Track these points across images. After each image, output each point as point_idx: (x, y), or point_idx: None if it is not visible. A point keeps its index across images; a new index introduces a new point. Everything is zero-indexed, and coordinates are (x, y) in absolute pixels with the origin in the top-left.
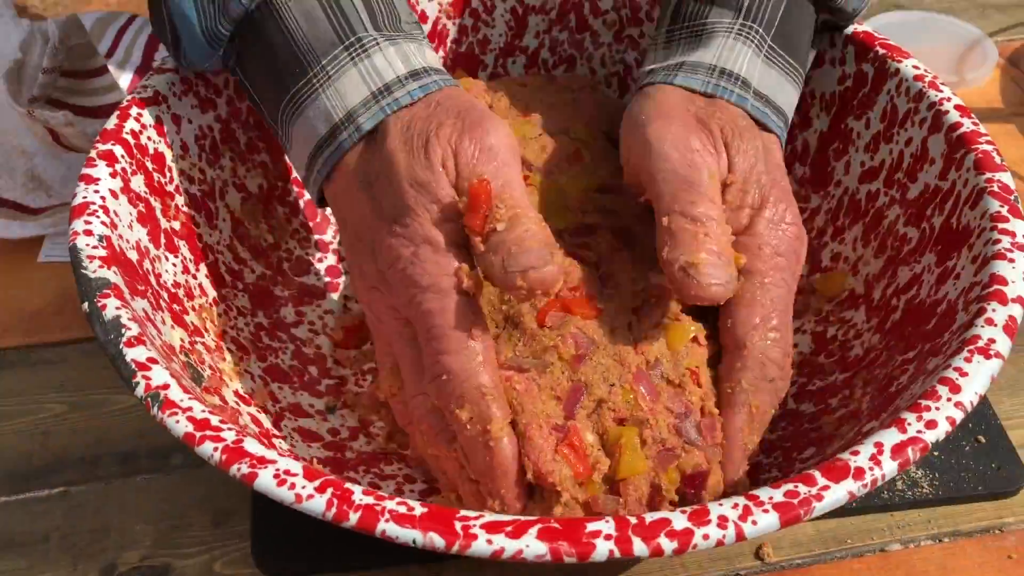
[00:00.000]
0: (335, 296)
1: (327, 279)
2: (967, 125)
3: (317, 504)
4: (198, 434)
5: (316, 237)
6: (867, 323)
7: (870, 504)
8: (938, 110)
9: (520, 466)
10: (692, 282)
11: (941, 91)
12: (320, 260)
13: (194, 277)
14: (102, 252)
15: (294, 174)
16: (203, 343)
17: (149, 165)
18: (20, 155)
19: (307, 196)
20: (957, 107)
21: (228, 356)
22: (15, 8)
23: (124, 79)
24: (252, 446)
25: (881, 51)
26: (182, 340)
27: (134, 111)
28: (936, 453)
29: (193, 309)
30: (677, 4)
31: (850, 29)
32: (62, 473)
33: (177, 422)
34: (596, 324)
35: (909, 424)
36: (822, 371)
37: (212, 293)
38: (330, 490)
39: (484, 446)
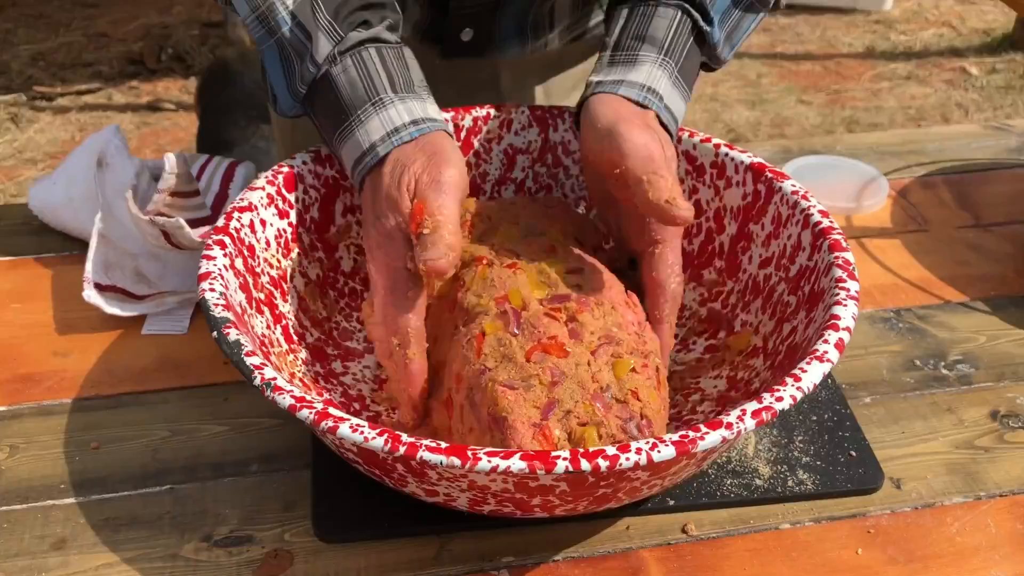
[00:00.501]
0: (371, 357)
1: (364, 345)
2: (825, 222)
3: (377, 442)
4: (299, 405)
5: (356, 314)
6: (764, 366)
7: (769, 497)
8: (807, 214)
9: (423, 392)
10: (675, 210)
11: (809, 200)
12: (359, 331)
13: (273, 332)
14: (222, 302)
15: (342, 267)
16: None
17: (245, 252)
18: (128, 256)
19: (351, 285)
20: (820, 211)
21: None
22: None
23: (209, 199)
24: (333, 411)
25: (769, 175)
26: None
27: (236, 215)
28: (819, 463)
29: (273, 354)
30: (617, 38)
31: (747, 159)
32: (168, 476)
33: (284, 399)
34: (565, 361)
35: (764, 398)
36: (733, 402)
37: (284, 346)
38: (386, 435)
39: (402, 364)
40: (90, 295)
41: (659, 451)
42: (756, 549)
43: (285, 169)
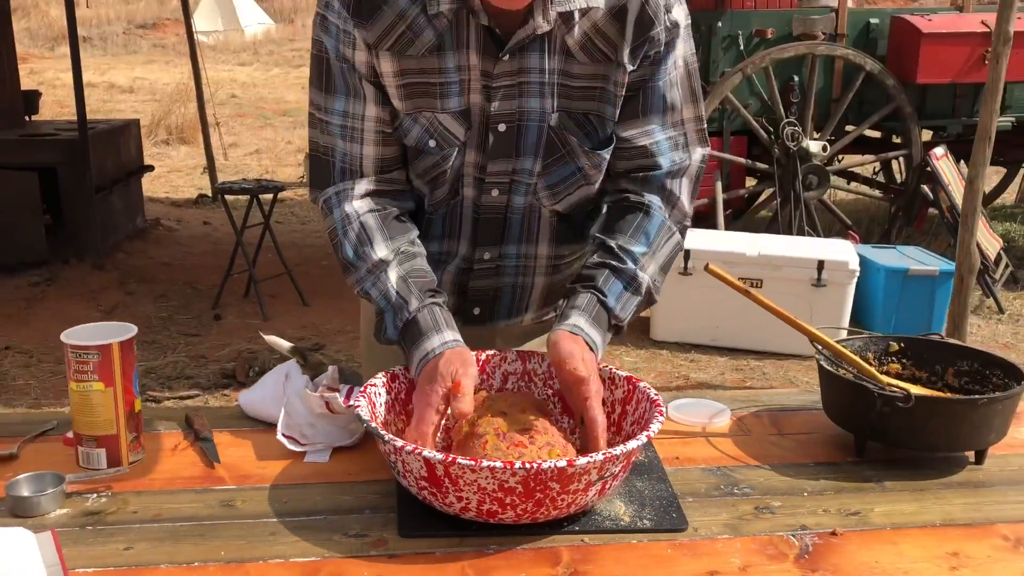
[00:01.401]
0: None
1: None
2: (657, 399)
3: (432, 454)
4: (370, 423)
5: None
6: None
7: (618, 529)
8: (650, 398)
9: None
10: (577, 373)
11: (648, 391)
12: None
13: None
14: (368, 415)
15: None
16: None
17: (370, 406)
18: (297, 424)
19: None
20: (653, 395)
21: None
22: (301, 358)
23: (344, 390)
24: (385, 433)
25: (635, 382)
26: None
27: (368, 389)
28: (654, 513)
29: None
30: (563, 309)
31: (624, 374)
32: (327, 510)
33: (370, 427)
34: (526, 451)
35: (615, 450)
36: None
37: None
38: (440, 455)
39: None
40: (280, 438)
41: (553, 463)
42: (619, 553)
43: (380, 379)
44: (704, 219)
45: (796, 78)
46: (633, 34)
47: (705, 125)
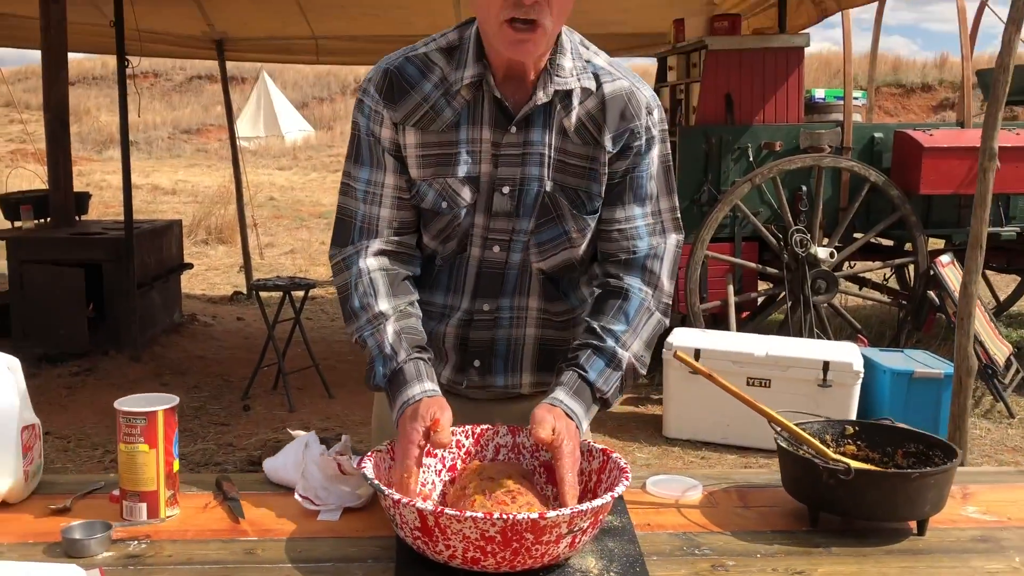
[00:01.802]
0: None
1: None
2: (626, 467)
3: (424, 505)
4: (373, 480)
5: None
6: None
7: None
8: (620, 467)
9: (411, 492)
10: (539, 439)
11: (618, 460)
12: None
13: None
14: (373, 474)
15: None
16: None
17: (375, 468)
18: (312, 487)
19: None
20: (622, 464)
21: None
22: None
23: (355, 459)
24: (398, 496)
25: (609, 453)
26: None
27: (374, 454)
28: (616, 565)
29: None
30: (556, 374)
31: (600, 446)
32: (331, 559)
33: (374, 483)
34: (508, 508)
35: (583, 505)
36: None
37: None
38: (429, 503)
39: (404, 485)
40: (298, 499)
41: (527, 515)
42: None
43: (384, 446)
44: (718, 321)
45: (805, 187)
46: (616, 123)
47: (679, 215)
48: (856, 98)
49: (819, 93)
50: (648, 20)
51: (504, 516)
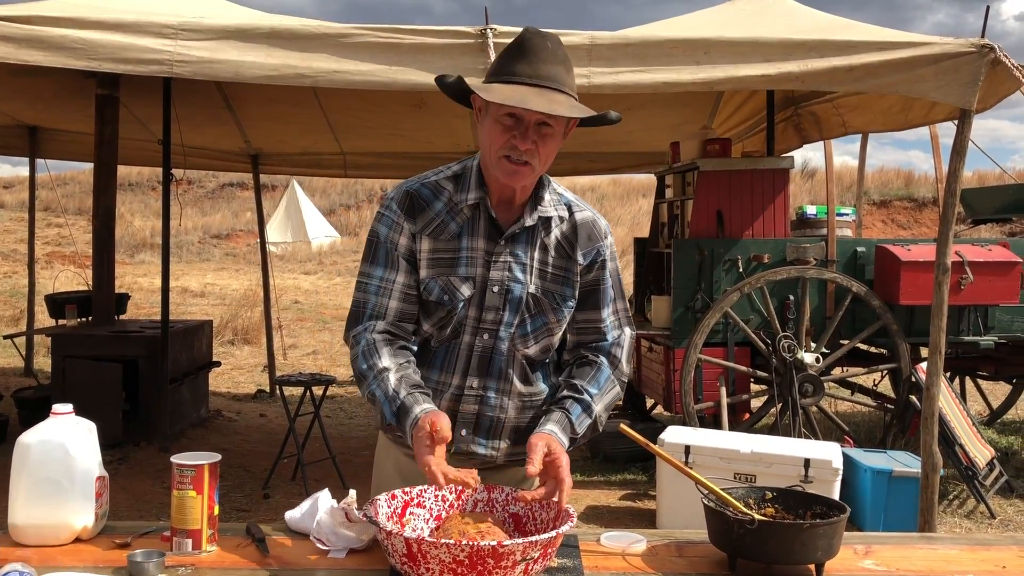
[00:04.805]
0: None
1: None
2: (573, 513)
3: (409, 535)
4: (375, 519)
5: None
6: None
7: None
8: (569, 514)
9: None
10: (531, 467)
11: (570, 509)
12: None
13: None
14: (372, 515)
15: (411, 523)
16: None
17: (374, 512)
18: (323, 532)
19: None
20: (570, 512)
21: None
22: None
23: (362, 511)
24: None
25: (565, 506)
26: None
27: (375, 501)
28: None
29: (384, 518)
30: (545, 416)
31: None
32: None
33: (373, 518)
34: (483, 540)
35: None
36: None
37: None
38: (416, 533)
39: (433, 476)
40: (313, 540)
41: (488, 543)
42: None
43: (383, 496)
44: (718, 422)
45: (792, 297)
46: (585, 243)
47: (630, 313)
48: (846, 214)
49: (811, 209)
50: (650, 141)
51: (470, 543)
